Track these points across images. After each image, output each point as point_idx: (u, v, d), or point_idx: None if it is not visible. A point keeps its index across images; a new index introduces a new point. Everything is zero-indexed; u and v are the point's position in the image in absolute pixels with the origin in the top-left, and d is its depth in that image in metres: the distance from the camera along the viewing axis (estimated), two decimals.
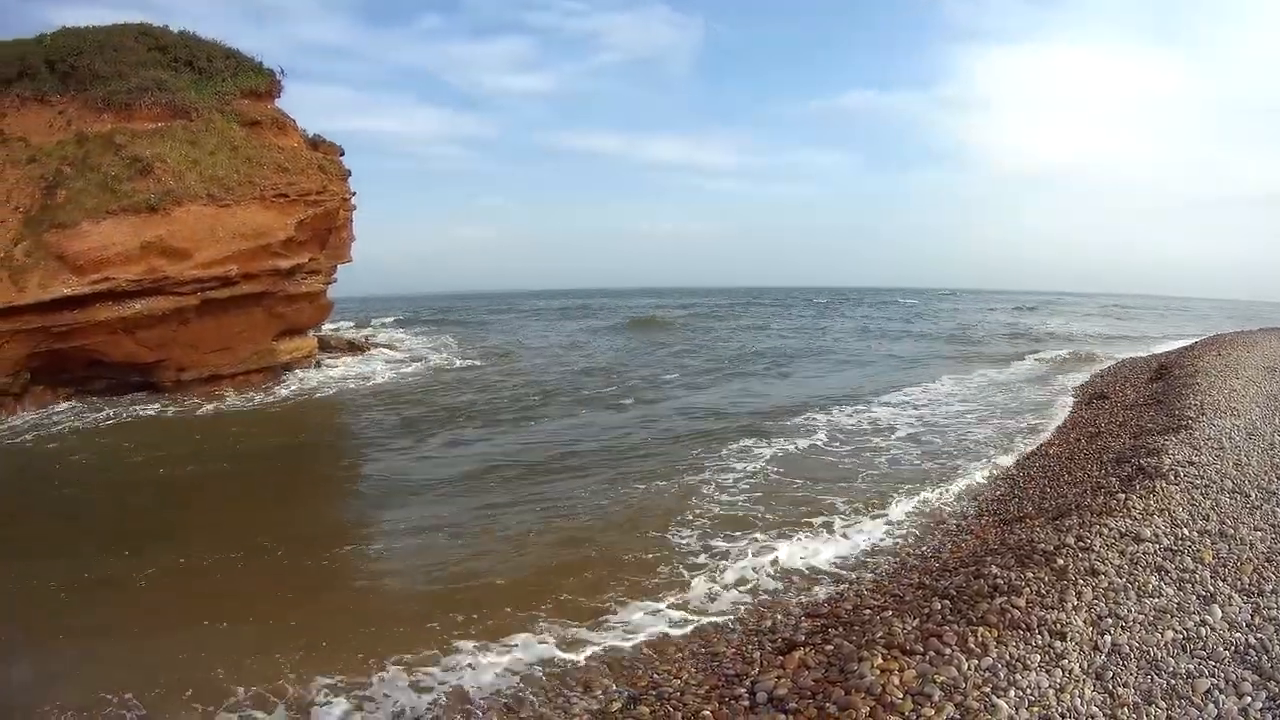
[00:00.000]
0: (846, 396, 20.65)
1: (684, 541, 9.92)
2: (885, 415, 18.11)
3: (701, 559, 9.31)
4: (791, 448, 14.88)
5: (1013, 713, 4.86)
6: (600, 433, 17.21)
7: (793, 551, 9.36)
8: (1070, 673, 5.29)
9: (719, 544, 9.81)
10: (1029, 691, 5.08)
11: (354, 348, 29.95)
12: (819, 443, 15.38)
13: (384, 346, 31.61)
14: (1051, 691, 5.08)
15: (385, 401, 22.68)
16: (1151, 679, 5.22)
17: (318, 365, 26.59)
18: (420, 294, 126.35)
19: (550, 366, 29.34)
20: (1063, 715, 4.87)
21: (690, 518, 10.78)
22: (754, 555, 9.33)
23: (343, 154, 27.73)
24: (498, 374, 27.05)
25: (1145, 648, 5.58)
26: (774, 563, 9.03)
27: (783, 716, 5.21)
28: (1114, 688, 5.15)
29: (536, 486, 12.70)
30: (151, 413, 22.36)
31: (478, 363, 30.22)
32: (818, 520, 10.44)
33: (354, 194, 26.43)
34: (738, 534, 10.14)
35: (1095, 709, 4.93)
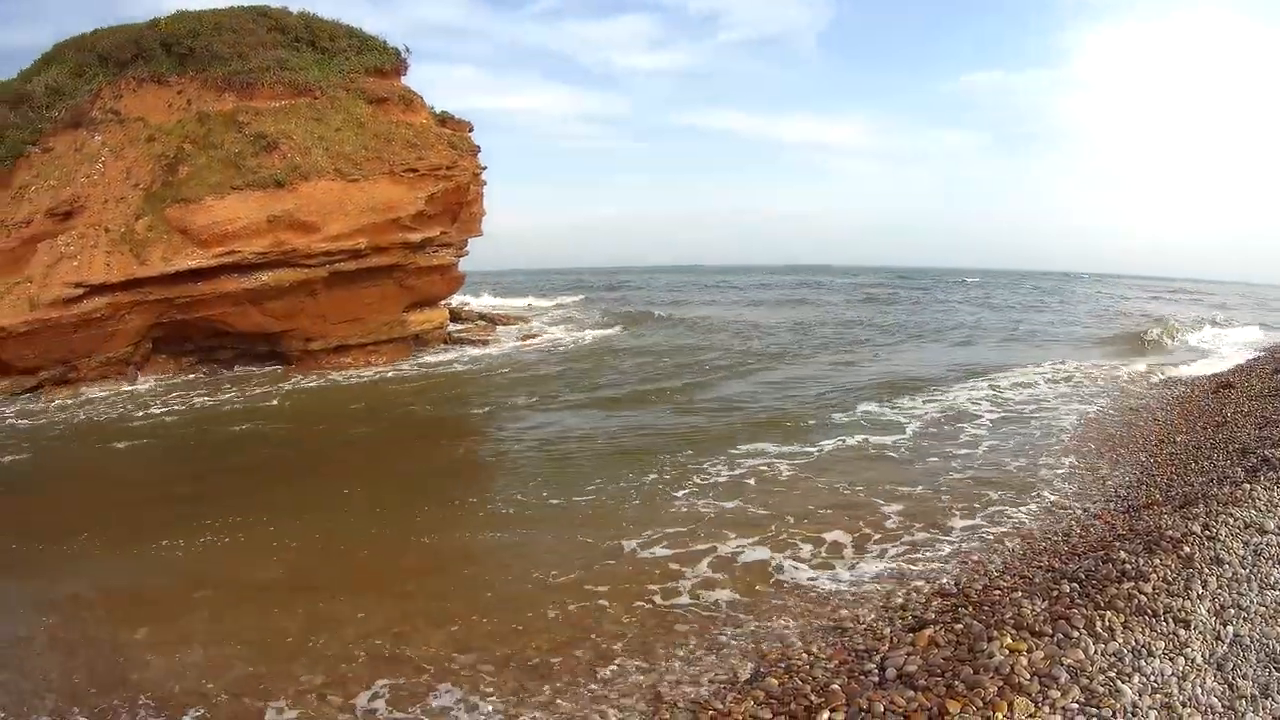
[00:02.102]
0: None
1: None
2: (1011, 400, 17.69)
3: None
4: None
5: (1135, 699, 4.86)
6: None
7: (927, 532, 9.40)
8: (1193, 661, 5.29)
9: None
10: (1152, 678, 5.09)
11: (485, 320, 29.52)
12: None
13: (515, 319, 31.10)
14: (1174, 679, 5.08)
15: (522, 369, 22.43)
16: (1270, 672, 5.23)
17: (449, 337, 26.18)
18: (550, 269, 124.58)
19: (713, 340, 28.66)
20: (1183, 704, 4.86)
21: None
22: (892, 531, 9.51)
23: (471, 130, 27.73)
24: (636, 342, 26.63)
25: (1265, 640, 5.57)
26: (911, 542, 9.05)
27: (911, 693, 5.22)
28: (1234, 679, 5.14)
29: (708, 457, 12.88)
30: (308, 383, 21.90)
31: (620, 330, 29.75)
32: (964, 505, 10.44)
33: (484, 169, 26.35)
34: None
35: (1215, 699, 4.92)
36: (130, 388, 23.12)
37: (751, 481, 11.48)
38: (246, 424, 17.58)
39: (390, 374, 22.68)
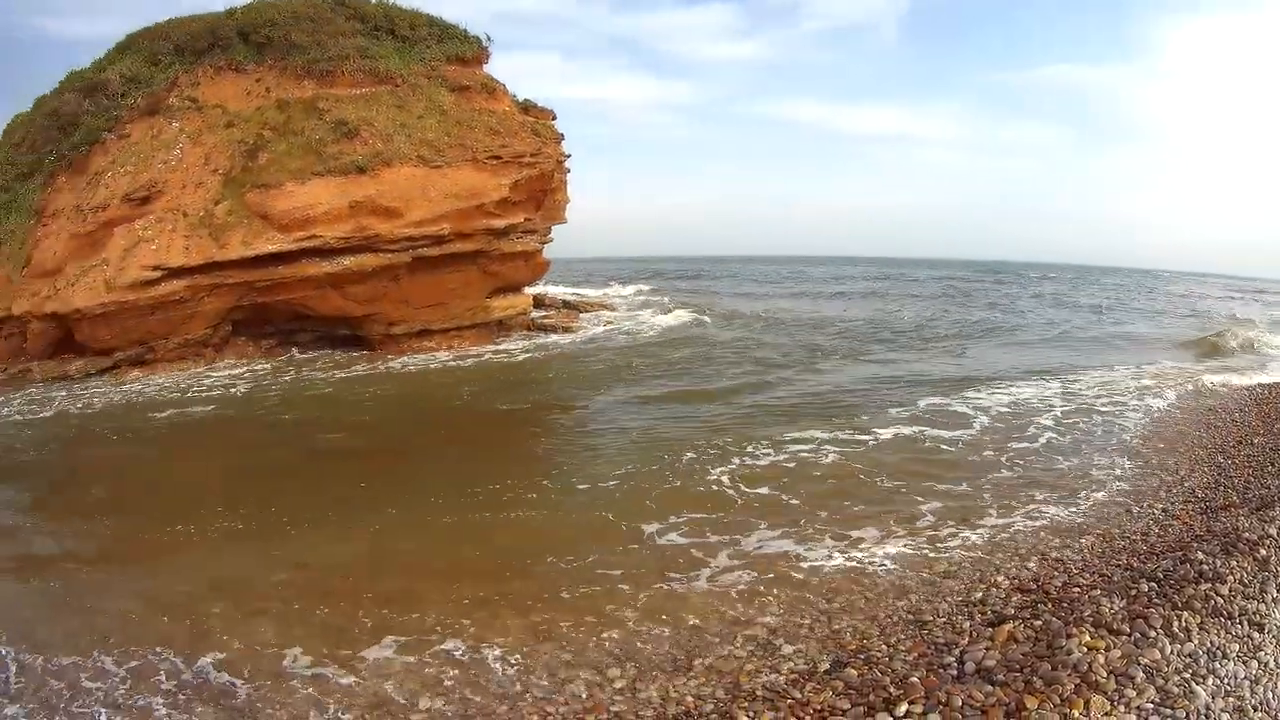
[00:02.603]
0: None
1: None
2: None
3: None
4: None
5: (1209, 701, 4.85)
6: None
7: (1013, 525, 9.46)
8: (1266, 665, 5.29)
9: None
10: (1226, 680, 5.09)
11: (569, 306, 29.40)
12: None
13: (597, 305, 30.91)
14: (1247, 683, 5.08)
15: (608, 355, 22.24)
16: None
17: (532, 323, 26.08)
18: (629, 257, 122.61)
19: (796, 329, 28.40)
20: (1255, 707, 4.85)
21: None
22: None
23: (554, 118, 27.74)
24: (719, 333, 26.40)
25: None
26: (990, 537, 9.08)
27: (990, 688, 5.23)
28: None
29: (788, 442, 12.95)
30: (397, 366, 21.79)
31: (703, 319, 29.57)
32: (1040, 495, 10.54)
33: (568, 156, 26.36)
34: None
35: None
36: (228, 370, 23.02)
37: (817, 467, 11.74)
38: (337, 407, 17.68)
39: (471, 360, 22.55)
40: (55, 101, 29.25)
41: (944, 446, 13.05)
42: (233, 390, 20.05)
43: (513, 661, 6.49)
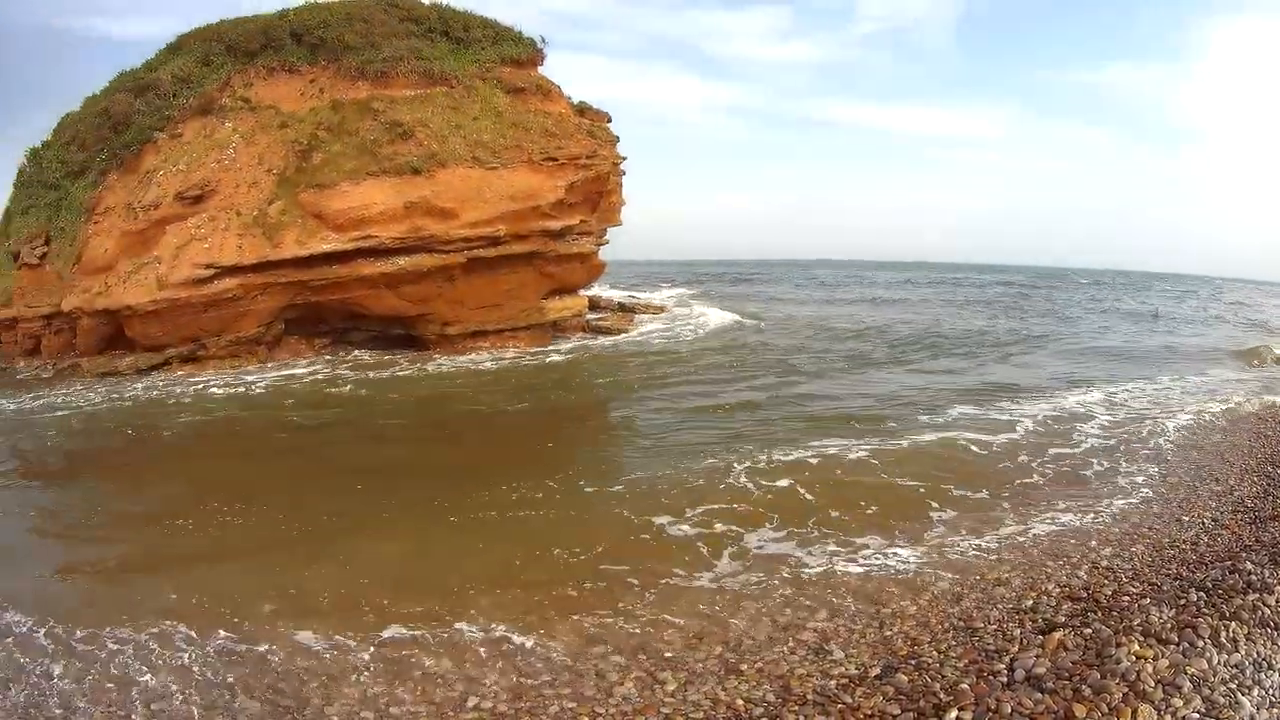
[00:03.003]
0: None
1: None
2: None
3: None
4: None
5: (1254, 711, 4.85)
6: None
7: (1064, 532, 9.40)
8: None
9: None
10: (1271, 692, 5.13)
11: (624, 309, 29.31)
12: None
13: (651, 307, 30.70)
14: None
15: (655, 358, 22.10)
16: None
17: (587, 325, 26.01)
18: (678, 260, 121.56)
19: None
20: None
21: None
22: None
23: (610, 120, 27.75)
24: (765, 338, 26.17)
25: None
26: (1040, 544, 9.04)
27: (1039, 695, 5.27)
28: None
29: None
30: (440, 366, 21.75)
31: (751, 323, 29.44)
32: (1088, 503, 10.52)
33: (624, 159, 26.32)
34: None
35: None
36: (279, 369, 23.04)
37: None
38: (395, 405, 17.72)
39: (529, 359, 22.51)
40: (106, 101, 29.48)
41: (988, 452, 12.92)
42: (288, 384, 20.08)
43: (563, 662, 6.58)
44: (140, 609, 7.65)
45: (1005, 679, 5.61)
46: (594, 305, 28.10)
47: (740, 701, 5.75)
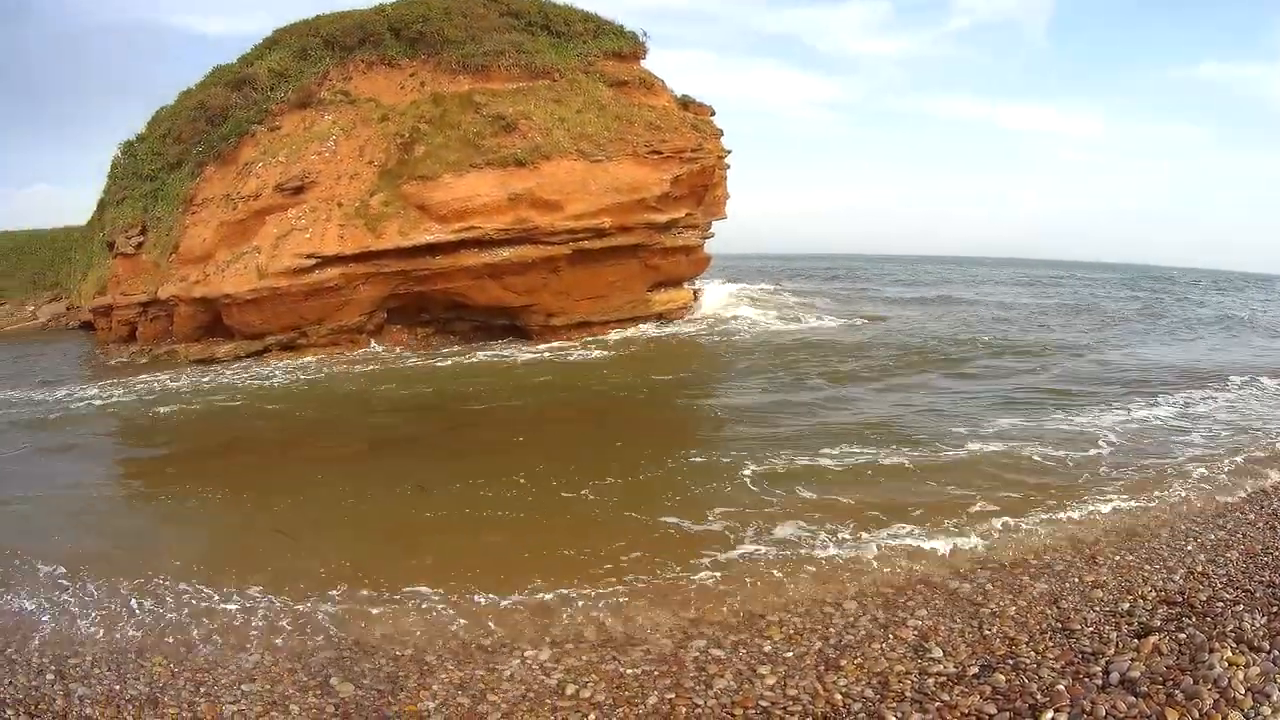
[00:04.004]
0: None
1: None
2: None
3: None
4: None
5: None
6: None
7: (1158, 537, 9.22)
8: None
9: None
10: None
11: (731, 301, 29.21)
12: None
13: (758, 302, 30.40)
14: None
15: (774, 352, 21.68)
16: None
17: (692, 317, 25.95)
18: (778, 254, 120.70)
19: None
20: None
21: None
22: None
23: (714, 114, 27.74)
24: (857, 338, 25.49)
25: None
26: (1138, 550, 8.87)
27: (1133, 699, 5.33)
28: None
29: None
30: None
31: (843, 322, 28.77)
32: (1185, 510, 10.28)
33: (729, 152, 26.25)
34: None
35: None
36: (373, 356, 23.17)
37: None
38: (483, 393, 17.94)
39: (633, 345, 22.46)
40: (202, 95, 30.11)
41: (1081, 454, 12.38)
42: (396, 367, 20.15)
43: (659, 654, 6.66)
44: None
45: (1100, 681, 5.67)
46: (698, 297, 27.94)
47: (839, 696, 5.85)
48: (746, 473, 11.23)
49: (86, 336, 32.87)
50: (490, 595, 7.82)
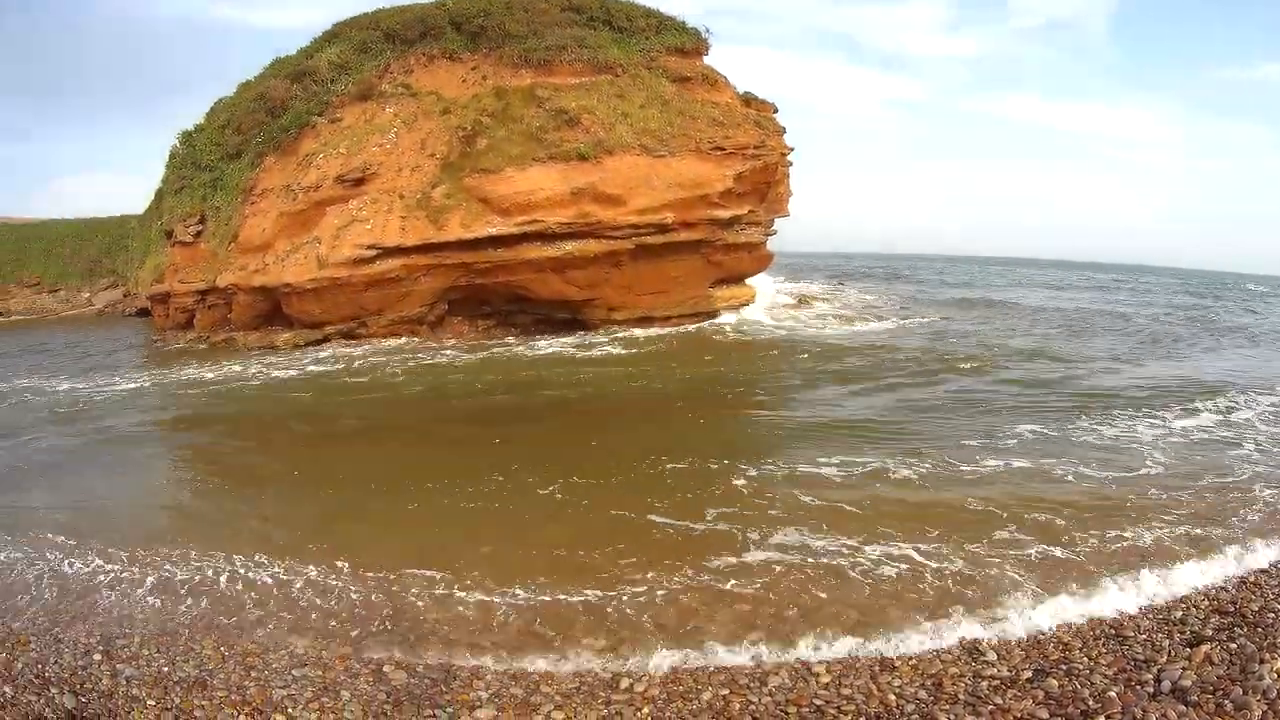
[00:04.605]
0: None
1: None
2: None
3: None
4: None
5: None
6: None
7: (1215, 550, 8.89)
8: None
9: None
10: None
11: (792, 298, 29.22)
12: None
13: (814, 299, 30.10)
14: None
15: (835, 351, 21.48)
16: None
17: (754, 313, 25.98)
18: (840, 252, 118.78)
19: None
20: None
21: None
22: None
23: (776, 111, 27.76)
24: (915, 339, 24.97)
25: None
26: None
27: (1183, 708, 5.37)
28: None
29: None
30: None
31: (906, 322, 28.27)
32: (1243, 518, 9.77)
33: (791, 150, 26.24)
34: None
35: None
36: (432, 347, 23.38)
37: None
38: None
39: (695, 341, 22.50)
40: (262, 86, 30.58)
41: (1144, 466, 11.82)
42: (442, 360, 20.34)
43: (713, 651, 6.74)
44: None
45: (1152, 689, 5.72)
46: (760, 294, 27.92)
47: (892, 697, 5.91)
48: (832, 473, 11.06)
49: (143, 323, 33.48)
50: (546, 586, 7.85)
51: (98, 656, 6.92)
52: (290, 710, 6.08)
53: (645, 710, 5.94)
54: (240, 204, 28.51)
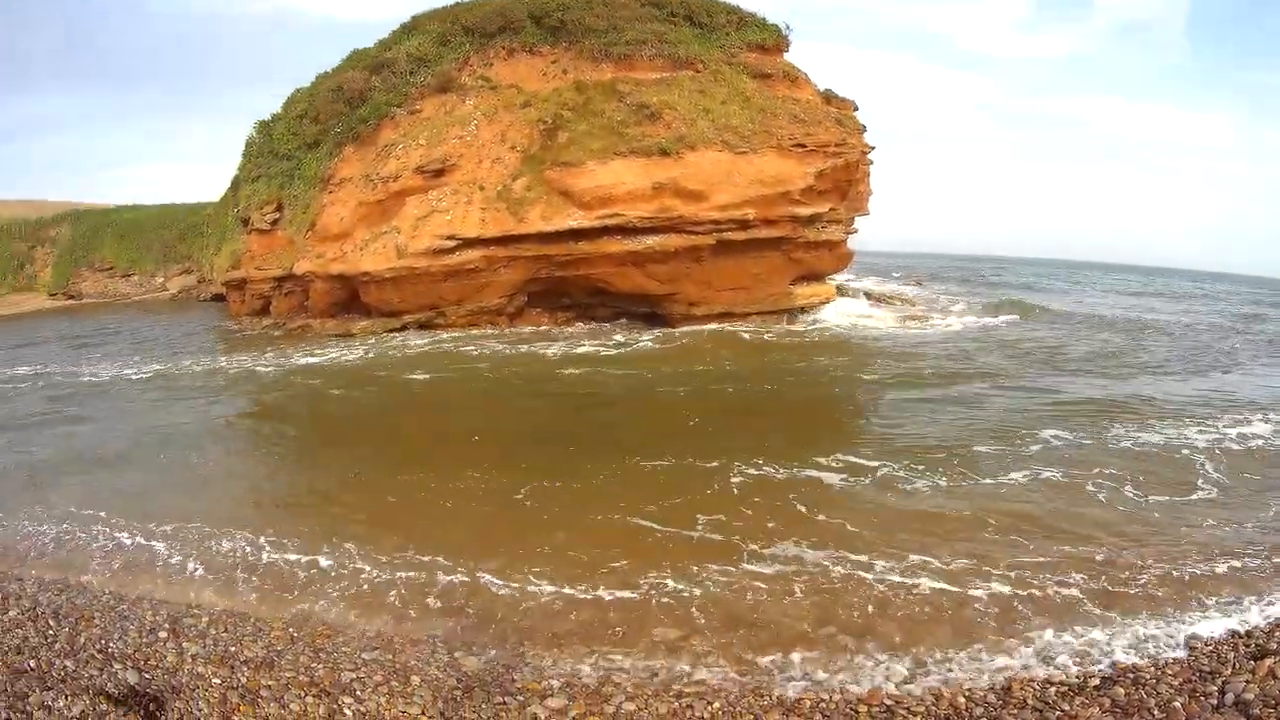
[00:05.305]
0: None
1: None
2: None
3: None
4: None
5: None
6: None
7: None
8: None
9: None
10: None
11: (871, 299, 29.28)
12: None
13: (896, 299, 29.92)
14: None
15: (918, 352, 21.36)
16: None
17: (834, 312, 26.08)
18: (923, 254, 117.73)
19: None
20: None
21: None
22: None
23: (856, 108, 27.84)
24: (999, 339, 24.40)
25: None
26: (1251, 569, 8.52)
27: None
28: None
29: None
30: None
31: (984, 322, 27.81)
32: None
33: (872, 148, 26.29)
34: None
35: None
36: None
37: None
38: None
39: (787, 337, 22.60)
40: (339, 77, 31.27)
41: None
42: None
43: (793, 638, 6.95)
44: None
45: (1215, 701, 5.78)
46: (841, 293, 27.99)
47: (962, 700, 6.04)
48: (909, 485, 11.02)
49: (218, 309, 34.52)
50: (620, 575, 8.00)
51: (163, 634, 6.99)
52: (358, 693, 6.13)
53: (716, 705, 6.04)
54: (318, 193, 29.20)
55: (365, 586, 8.00)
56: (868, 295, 29.61)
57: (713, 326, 23.71)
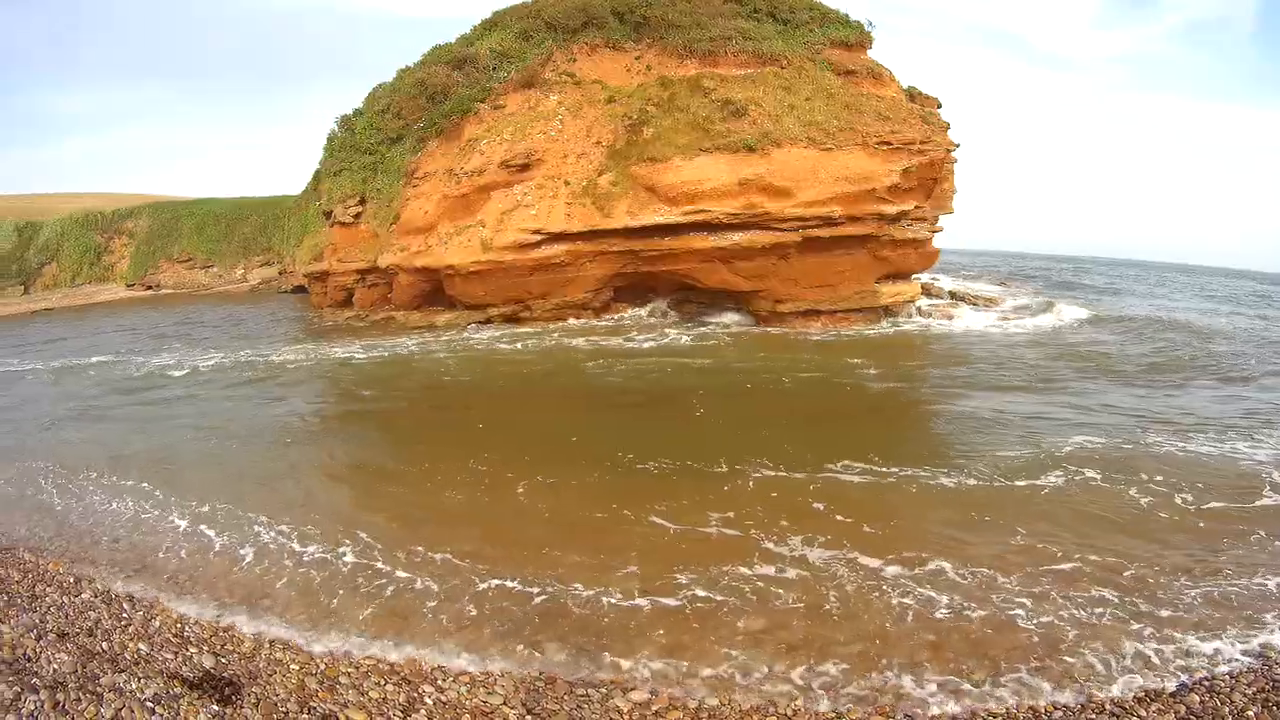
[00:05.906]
0: None
1: None
2: None
3: None
4: None
5: None
6: None
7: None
8: None
9: None
10: None
11: (955, 297, 29.43)
12: None
13: (982, 299, 29.79)
14: None
15: (1010, 350, 21.38)
16: None
17: (919, 311, 26.29)
18: (1006, 252, 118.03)
19: None
20: None
21: None
22: None
23: (940, 106, 27.97)
24: (1091, 338, 24.20)
25: None
26: None
27: None
28: None
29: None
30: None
31: (1068, 322, 27.37)
32: None
33: (957, 146, 26.39)
34: None
35: None
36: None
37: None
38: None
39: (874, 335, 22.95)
40: (422, 73, 32.11)
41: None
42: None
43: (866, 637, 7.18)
44: None
45: None
46: (925, 292, 28.11)
47: (1042, 703, 6.24)
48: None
49: (298, 300, 35.75)
50: (698, 572, 8.21)
51: (241, 619, 7.27)
52: (440, 682, 6.30)
53: (799, 701, 6.35)
54: (401, 186, 30.13)
55: (450, 583, 8.11)
56: (952, 294, 29.59)
57: (801, 324, 24.07)
